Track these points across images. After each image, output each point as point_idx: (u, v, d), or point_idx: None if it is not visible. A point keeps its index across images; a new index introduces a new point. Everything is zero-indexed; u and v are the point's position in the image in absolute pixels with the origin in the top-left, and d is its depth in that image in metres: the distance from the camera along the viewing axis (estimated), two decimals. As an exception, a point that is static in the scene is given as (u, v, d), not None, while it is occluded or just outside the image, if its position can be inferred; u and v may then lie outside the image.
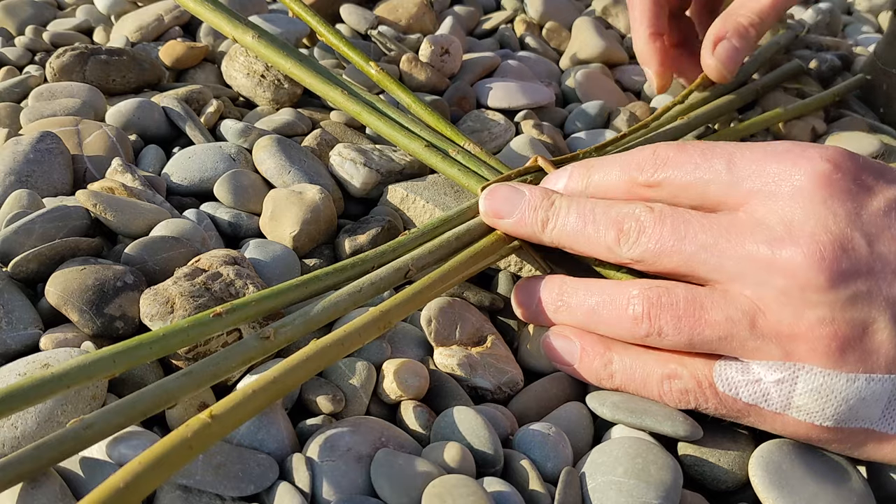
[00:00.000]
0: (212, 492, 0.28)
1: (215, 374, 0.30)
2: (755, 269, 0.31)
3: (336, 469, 0.30)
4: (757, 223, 0.31)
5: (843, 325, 0.30)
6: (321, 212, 0.43)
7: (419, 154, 0.46)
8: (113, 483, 0.24)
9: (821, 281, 0.30)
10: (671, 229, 0.33)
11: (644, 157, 0.36)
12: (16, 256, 0.36)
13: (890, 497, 0.34)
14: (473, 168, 0.44)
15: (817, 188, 0.31)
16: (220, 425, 0.27)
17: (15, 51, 0.58)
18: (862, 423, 0.31)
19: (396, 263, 0.36)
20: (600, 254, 0.35)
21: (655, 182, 0.35)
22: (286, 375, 0.30)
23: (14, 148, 0.44)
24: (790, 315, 0.30)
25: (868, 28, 0.84)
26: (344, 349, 0.32)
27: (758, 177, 0.32)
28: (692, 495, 0.33)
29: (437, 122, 0.47)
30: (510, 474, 0.32)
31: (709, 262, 0.32)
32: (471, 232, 0.39)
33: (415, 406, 0.34)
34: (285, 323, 0.33)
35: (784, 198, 0.31)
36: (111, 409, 0.27)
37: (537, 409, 0.37)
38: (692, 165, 0.34)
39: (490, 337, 0.39)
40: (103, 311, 0.35)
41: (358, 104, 0.48)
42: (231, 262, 0.37)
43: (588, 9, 0.75)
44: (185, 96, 0.52)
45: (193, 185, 0.46)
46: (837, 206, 0.31)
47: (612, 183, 0.37)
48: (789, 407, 0.32)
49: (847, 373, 0.30)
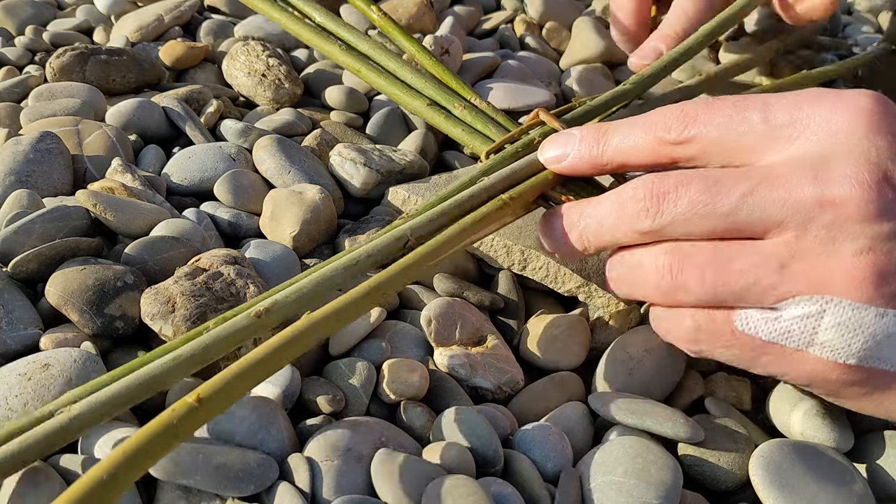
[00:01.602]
0: (212, 492, 0.28)
1: (204, 358, 0.28)
2: (801, 209, 0.30)
3: (336, 469, 0.30)
4: (797, 164, 0.31)
5: (883, 257, 0.29)
6: (321, 212, 0.43)
7: (421, 113, 0.44)
8: (95, 475, 0.23)
9: (868, 211, 0.29)
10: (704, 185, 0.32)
11: (671, 115, 0.34)
12: (16, 256, 0.36)
13: (890, 497, 0.34)
14: (480, 126, 0.42)
15: (857, 125, 0.31)
16: (207, 409, 0.26)
17: (15, 51, 0.58)
18: (885, 365, 0.30)
19: (395, 233, 0.34)
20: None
21: (686, 138, 0.33)
22: (276, 353, 0.28)
23: (14, 148, 0.44)
24: (829, 250, 0.30)
25: (868, 28, 0.84)
26: (338, 323, 0.30)
27: (795, 123, 0.32)
28: (692, 495, 0.33)
29: (443, 73, 0.45)
30: (510, 474, 0.32)
31: (753, 213, 0.31)
32: (473, 198, 0.36)
33: (415, 406, 0.34)
34: (277, 300, 0.30)
35: (825, 136, 0.31)
36: (98, 399, 0.26)
37: (537, 409, 0.37)
38: (725, 118, 0.33)
39: (490, 337, 0.39)
40: (103, 310, 0.35)
41: (357, 60, 0.46)
42: (231, 262, 0.37)
43: (588, 9, 0.75)
44: (185, 96, 0.52)
45: (193, 185, 0.46)
46: (879, 140, 0.30)
47: (636, 145, 0.35)
48: (812, 343, 0.31)
49: (878, 307, 0.30)
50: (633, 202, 0.33)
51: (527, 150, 0.40)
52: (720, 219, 0.31)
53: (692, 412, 0.37)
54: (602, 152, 0.35)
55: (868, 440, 0.36)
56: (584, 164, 0.36)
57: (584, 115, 0.43)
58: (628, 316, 0.41)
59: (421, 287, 0.42)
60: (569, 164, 0.36)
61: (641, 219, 0.33)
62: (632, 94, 0.45)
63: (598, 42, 0.66)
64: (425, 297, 0.41)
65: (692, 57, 0.50)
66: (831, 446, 0.34)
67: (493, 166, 0.39)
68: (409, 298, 0.41)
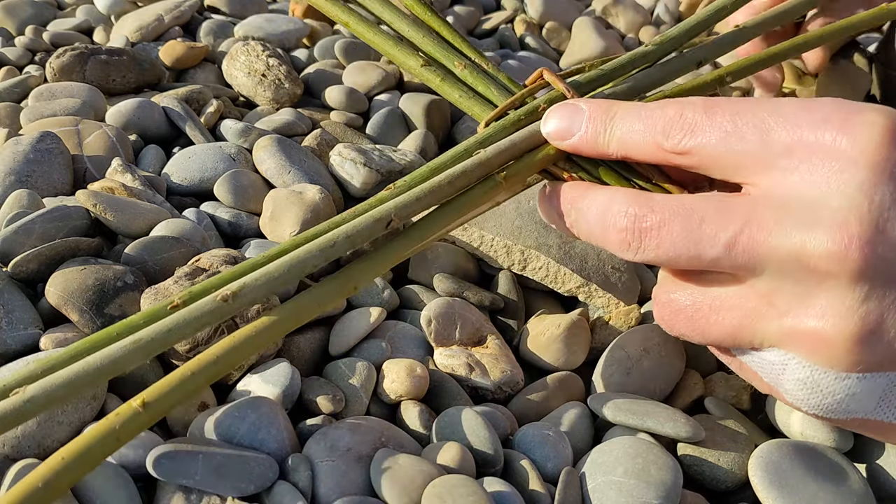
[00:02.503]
0: (212, 492, 0.28)
1: (166, 342, 0.27)
2: (781, 265, 0.29)
3: (336, 469, 0.30)
4: (786, 210, 0.29)
5: (854, 322, 0.28)
6: (321, 212, 0.43)
7: (417, 72, 0.39)
8: (32, 481, 0.23)
9: (846, 272, 0.27)
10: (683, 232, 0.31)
11: (670, 120, 0.32)
12: (16, 256, 0.36)
13: (890, 497, 0.34)
14: (481, 88, 0.38)
15: (860, 163, 0.28)
16: (151, 413, 0.25)
17: (15, 51, 0.58)
18: (854, 415, 0.30)
19: (376, 213, 0.31)
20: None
21: (683, 150, 0.32)
22: (230, 354, 0.27)
23: (14, 148, 0.44)
24: (800, 309, 0.29)
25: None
26: (299, 320, 0.29)
27: (793, 152, 0.29)
28: (692, 495, 0.33)
29: (441, 27, 0.40)
30: (510, 474, 0.32)
31: (737, 260, 0.30)
32: (467, 174, 0.33)
33: (415, 406, 0.34)
34: (246, 283, 0.28)
35: (821, 178, 0.28)
36: (54, 382, 0.26)
37: (537, 409, 0.37)
38: (722, 133, 0.31)
39: (490, 337, 0.39)
40: (103, 310, 0.35)
41: (346, 12, 0.41)
42: (231, 262, 0.37)
43: (588, 9, 0.75)
44: (185, 96, 0.52)
45: (193, 185, 0.46)
46: (878, 191, 0.27)
47: (636, 142, 0.33)
48: (780, 387, 0.31)
49: (839, 371, 0.29)
50: (615, 231, 0.32)
51: (530, 118, 0.36)
52: (703, 263, 0.30)
53: (692, 412, 0.37)
54: (607, 141, 0.34)
55: (868, 440, 0.36)
56: (588, 149, 0.34)
57: (595, 79, 0.38)
58: (628, 315, 0.41)
59: (421, 287, 0.42)
60: (572, 145, 0.35)
61: (624, 250, 0.32)
62: (653, 57, 0.40)
63: (598, 42, 0.66)
64: (425, 297, 0.41)
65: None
66: (831, 446, 0.34)
67: (492, 136, 0.35)
68: (409, 298, 0.42)
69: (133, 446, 0.29)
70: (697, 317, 0.32)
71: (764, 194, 0.30)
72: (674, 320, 0.32)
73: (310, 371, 0.36)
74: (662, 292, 0.33)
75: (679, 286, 0.32)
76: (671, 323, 0.33)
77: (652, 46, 0.40)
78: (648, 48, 0.40)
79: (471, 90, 0.38)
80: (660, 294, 0.33)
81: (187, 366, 0.27)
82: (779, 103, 0.31)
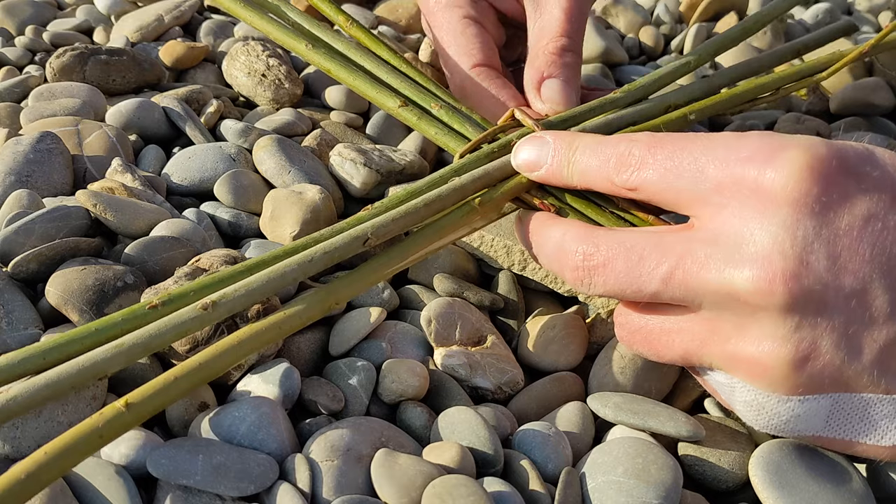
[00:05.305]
0: (212, 492, 0.28)
1: (147, 348, 0.29)
2: (715, 297, 0.30)
3: (336, 469, 0.30)
4: (716, 245, 0.30)
5: (788, 349, 0.29)
6: (321, 212, 0.43)
7: (395, 112, 0.42)
8: (14, 474, 0.23)
9: (774, 304, 0.29)
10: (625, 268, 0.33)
11: (619, 157, 0.34)
12: (16, 256, 0.36)
13: (890, 497, 0.34)
14: (456, 126, 0.41)
15: (779, 204, 0.29)
16: (135, 415, 0.26)
17: (15, 51, 0.58)
18: (805, 433, 0.31)
19: (354, 231, 0.33)
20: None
21: (631, 187, 0.34)
22: (214, 361, 0.28)
23: (14, 148, 0.44)
24: (738, 337, 0.30)
25: (868, 28, 0.84)
26: (281, 332, 0.31)
27: (723, 188, 0.30)
28: (692, 495, 0.33)
29: (418, 75, 0.43)
30: (510, 474, 0.32)
31: (667, 293, 0.32)
32: (442, 199, 0.35)
33: (415, 406, 0.34)
34: (226, 294, 0.30)
35: (749, 213, 0.29)
36: (38, 383, 0.27)
37: (537, 409, 0.37)
38: (663, 171, 0.32)
39: (490, 337, 0.39)
40: (104, 311, 0.35)
41: (327, 59, 0.43)
42: (231, 262, 0.37)
43: (588, 9, 0.75)
44: (185, 96, 0.52)
45: (193, 185, 0.46)
46: (800, 227, 0.28)
47: (594, 177, 0.35)
48: (733, 406, 0.32)
49: (780, 395, 0.30)
50: (569, 269, 0.34)
51: (502, 151, 0.39)
52: (645, 296, 0.32)
53: (692, 412, 0.37)
54: (570, 174, 0.36)
55: (868, 440, 0.36)
56: (555, 180, 0.37)
57: (566, 119, 0.41)
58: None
59: (421, 287, 0.42)
60: (540, 177, 0.37)
61: (578, 286, 0.34)
62: (622, 103, 0.43)
63: (598, 42, 0.66)
64: (425, 297, 0.41)
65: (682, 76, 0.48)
66: (831, 446, 0.34)
67: (466, 165, 0.38)
68: (409, 298, 0.42)
69: (133, 446, 0.29)
70: (651, 338, 0.33)
71: (700, 227, 0.31)
72: (631, 340, 0.34)
73: (310, 371, 0.37)
74: (620, 313, 0.35)
75: (635, 308, 0.34)
76: (629, 342, 0.35)
77: (620, 94, 0.43)
78: (617, 95, 0.43)
79: (447, 127, 0.41)
80: (618, 315, 0.35)
81: (171, 371, 0.28)
82: (712, 139, 0.32)
